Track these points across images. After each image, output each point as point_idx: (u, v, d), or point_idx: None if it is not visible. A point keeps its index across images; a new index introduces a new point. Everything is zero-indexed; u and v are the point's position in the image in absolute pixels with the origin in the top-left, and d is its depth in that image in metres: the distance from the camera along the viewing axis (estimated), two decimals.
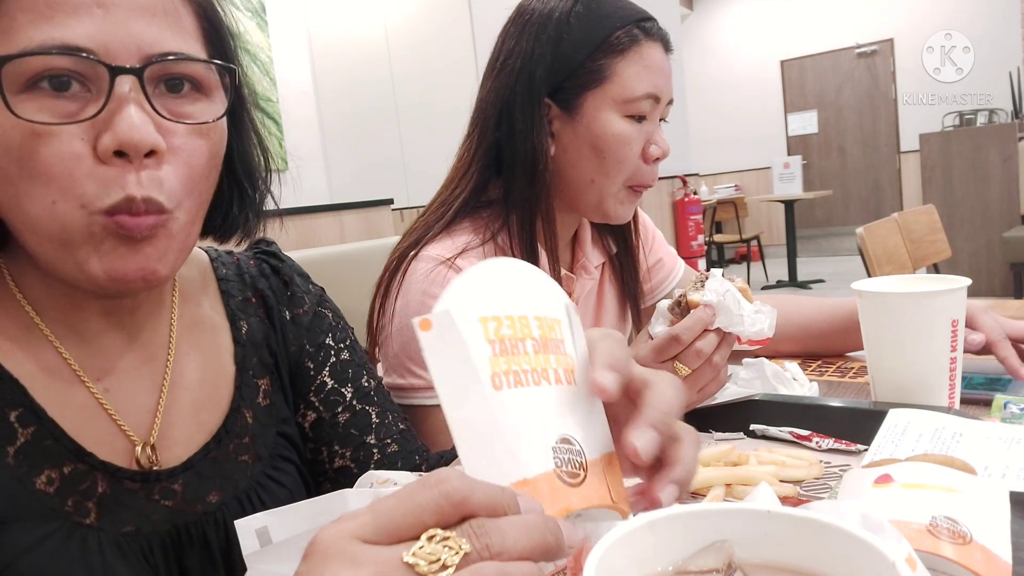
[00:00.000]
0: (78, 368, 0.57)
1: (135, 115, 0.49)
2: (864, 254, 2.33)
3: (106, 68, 0.48)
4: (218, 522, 0.61)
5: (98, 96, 0.49)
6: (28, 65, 0.47)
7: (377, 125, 4.94)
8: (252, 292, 0.73)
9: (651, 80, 0.95)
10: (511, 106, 0.95)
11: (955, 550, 0.41)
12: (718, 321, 0.82)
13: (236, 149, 0.62)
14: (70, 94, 0.48)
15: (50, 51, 0.47)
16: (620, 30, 0.93)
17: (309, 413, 0.73)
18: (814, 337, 1.17)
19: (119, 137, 0.48)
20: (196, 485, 0.61)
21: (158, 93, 0.51)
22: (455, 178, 1.00)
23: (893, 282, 0.86)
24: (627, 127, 0.95)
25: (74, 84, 0.48)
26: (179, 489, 0.60)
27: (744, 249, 7.86)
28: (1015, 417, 0.75)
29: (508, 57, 0.96)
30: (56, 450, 0.55)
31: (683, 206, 6.03)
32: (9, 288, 0.57)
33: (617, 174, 0.96)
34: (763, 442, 0.82)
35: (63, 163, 0.48)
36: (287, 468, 0.68)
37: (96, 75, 0.49)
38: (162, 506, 0.59)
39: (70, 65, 0.48)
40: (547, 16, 0.94)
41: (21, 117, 0.47)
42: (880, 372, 0.85)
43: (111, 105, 0.49)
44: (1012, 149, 4.64)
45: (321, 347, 0.74)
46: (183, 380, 0.64)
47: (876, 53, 8.32)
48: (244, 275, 0.73)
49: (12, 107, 0.47)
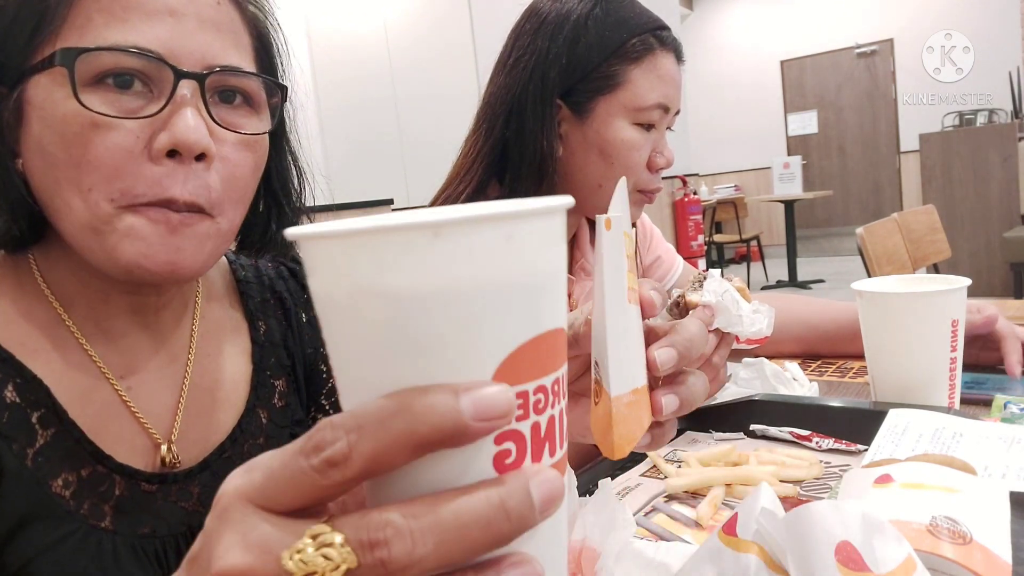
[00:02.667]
0: (103, 365, 0.58)
1: (192, 118, 0.51)
2: (864, 254, 2.33)
3: (172, 70, 0.51)
4: None
5: (159, 97, 0.51)
6: (100, 61, 0.49)
7: (377, 124, 4.94)
8: (271, 294, 0.73)
9: (663, 90, 0.95)
10: (522, 104, 0.95)
11: (955, 550, 0.41)
12: (717, 321, 0.81)
13: (275, 168, 0.64)
14: (132, 92, 0.50)
15: (125, 50, 0.49)
16: (636, 37, 0.94)
17: (320, 416, 0.74)
18: (819, 339, 1.17)
19: (176, 136, 0.50)
20: (213, 486, 0.61)
21: (213, 102, 0.54)
22: (459, 173, 1.00)
23: (893, 282, 0.86)
24: (636, 135, 0.95)
25: (137, 83, 0.50)
26: (196, 491, 0.61)
27: (744, 249, 7.86)
28: (1015, 417, 0.75)
29: (522, 55, 0.96)
30: (76, 452, 0.55)
31: (683, 206, 6.03)
32: (37, 284, 0.58)
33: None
34: (763, 442, 0.82)
35: (112, 155, 0.50)
36: None
37: (161, 77, 0.51)
38: (179, 508, 0.59)
39: (138, 66, 0.50)
40: (564, 17, 0.94)
41: (87, 107, 0.49)
42: (880, 372, 0.85)
43: (171, 106, 0.51)
44: (1012, 149, 4.64)
45: None
46: (202, 380, 0.64)
47: (876, 53, 8.32)
48: (263, 277, 0.74)
49: (80, 97, 0.49)
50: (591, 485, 0.55)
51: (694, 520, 0.65)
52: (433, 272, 0.23)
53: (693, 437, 0.87)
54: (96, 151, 0.49)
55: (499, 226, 0.24)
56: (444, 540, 0.23)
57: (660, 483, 0.73)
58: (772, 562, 0.39)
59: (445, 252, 0.23)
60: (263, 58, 0.60)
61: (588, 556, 0.47)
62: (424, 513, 0.23)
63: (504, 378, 0.25)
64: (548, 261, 0.26)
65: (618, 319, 0.39)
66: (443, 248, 0.23)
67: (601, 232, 0.38)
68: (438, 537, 0.23)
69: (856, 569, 0.36)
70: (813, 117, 8.84)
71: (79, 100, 0.48)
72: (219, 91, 0.54)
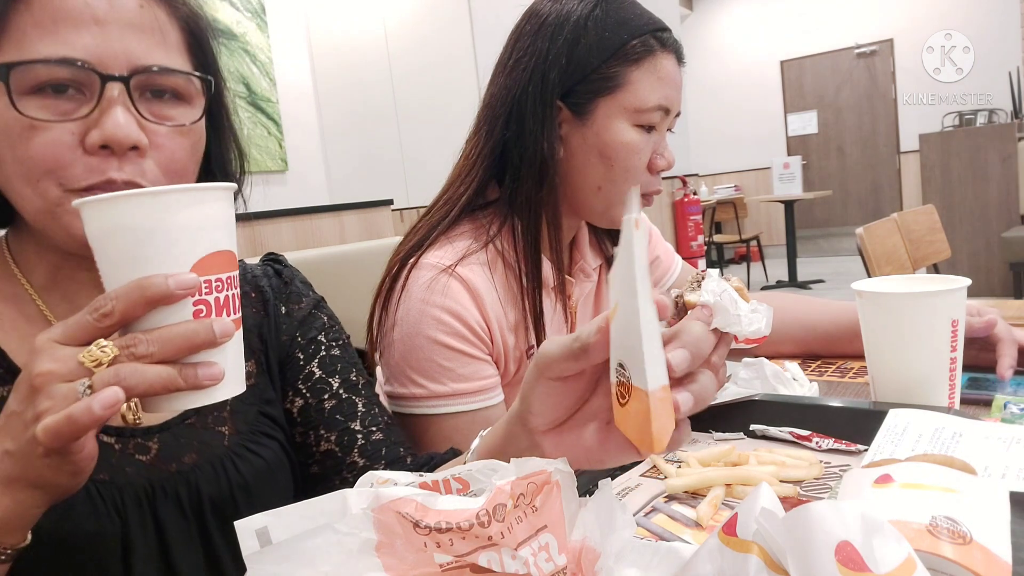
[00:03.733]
0: None
1: (120, 115, 0.58)
2: (864, 254, 2.33)
3: (98, 76, 0.57)
4: (190, 482, 0.67)
5: (90, 99, 0.58)
6: (34, 73, 0.56)
7: (377, 125, 4.94)
8: (252, 288, 0.79)
9: (663, 92, 0.94)
10: (522, 106, 0.94)
11: (955, 550, 0.41)
12: (715, 321, 0.81)
13: (214, 151, 0.71)
14: (67, 97, 0.58)
15: (51, 61, 0.56)
16: (636, 39, 0.93)
17: (296, 399, 0.79)
18: (819, 339, 1.17)
19: (105, 133, 0.57)
20: (172, 446, 0.67)
21: (144, 99, 0.61)
22: (460, 175, 1.00)
23: (893, 282, 0.86)
24: (636, 136, 0.94)
25: (71, 89, 0.58)
26: (154, 447, 0.67)
27: (744, 249, 7.86)
28: (1015, 417, 0.75)
29: (522, 56, 0.96)
30: None
31: (683, 206, 6.03)
32: (7, 262, 0.67)
33: (624, 182, 0.95)
34: (763, 442, 0.82)
35: (52, 151, 0.57)
36: (268, 444, 0.73)
37: (90, 82, 0.58)
38: (136, 460, 0.65)
39: (68, 75, 0.57)
40: (565, 18, 0.94)
41: (23, 114, 0.56)
42: (880, 372, 0.85)
43: (101, 106, 0.58)
44: (1012, 149, 4.64)
45: (312, 341, 0.81)
46: None
47: (876, 53, 8.32)
48: (247, 274, 0.80)
49: (17, 105, 0.56)
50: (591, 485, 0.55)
51: (694, 520, 0.65)
52: (155, 217, 0.47)
53: (693, 437, 0.87)
54: (37, 149, 0.57)
55: (185, 194, 0.48)
56: (164, 344, 0.46)
57: (660, 483, 0.73)
58: (772, 562, 0.39)
59: (158, 207, 0.47)
60: (197, 51, 0.66)
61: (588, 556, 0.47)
62: (154, 333, 0.46)
63: (196, 271, 0.48)
64: (217, 214, 0.50)
65: (650, 315, 0.42)
66: (157, 205, 0.47)
67: (631, 232, 0.41)
68: (160, 343, 0.46)
69: (856, 569, 0.36)
70: (813, 117, 8.84)
71: (16, 109, 0.56)
72: (149, 89, 0.61)
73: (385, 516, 0.42)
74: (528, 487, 0.45)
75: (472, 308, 0.91)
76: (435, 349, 0.89)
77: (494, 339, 0.93)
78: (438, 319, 0.89)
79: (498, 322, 0.93)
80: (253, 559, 0.41)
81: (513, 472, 0.46)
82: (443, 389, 0.90)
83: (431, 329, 0.89)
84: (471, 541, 0.42)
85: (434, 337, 0.89)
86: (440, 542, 0.42)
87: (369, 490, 0.44)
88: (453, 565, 0.42)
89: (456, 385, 0.90)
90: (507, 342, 0.95)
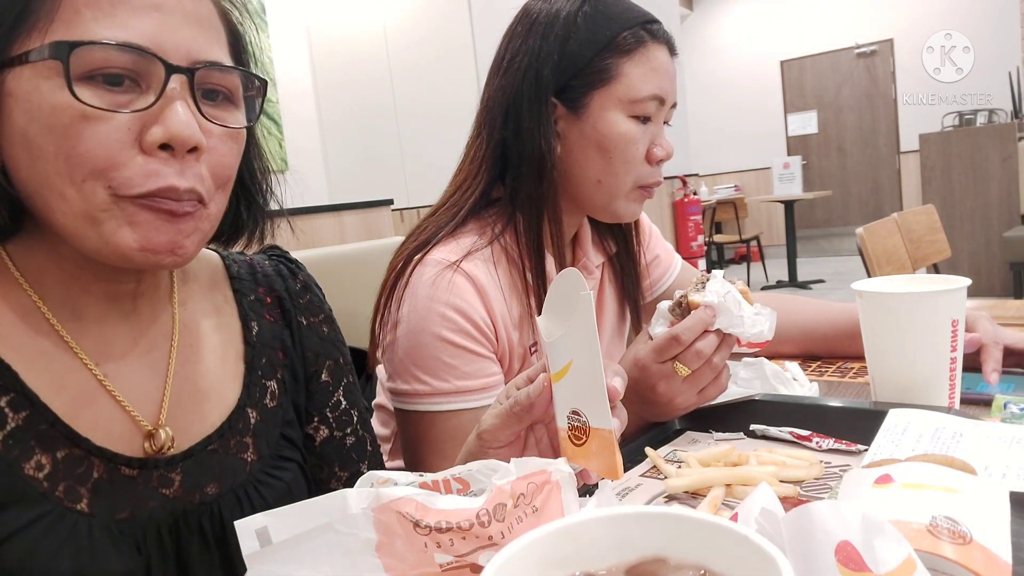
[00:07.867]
0: (79, 351, 0.58)
1: (184, 112, 0.52)
2: (864, 254, 2.33)
3: (163, 65, 0.51)
4: (214, 513, 0.62)
5: (148, 91, 0.52)
6: (90, 56, 0.49)
7: (377, 125, 4.95)
8: (267, 292, 0.74)
9: (657, 82, 0.95)
10: (518, 105, 0.95)
11: (955, 550, 0.41)
12: (718, 322, 0.82)
13: (244, 158, 0.65)
14: (122, 89, 0.51)
15: (113, 44, 0.50)
16: (627, 31, 0.94)
17: (322, 428, 0.75)
18: (817, 341, 1.17)
19: (169, 131, 0.51)
20: (195, 475, 0.62)
21: (198, 96, 0.55)
22: (466, 179, 1.00)
23: (893, 282, 0.86)
24: (632, 127, 0.95)
25: (126, 81, 0.51)
26: (177, 478, 0.61)
27: (744, 249, 7.86)
28: (1015, 417, 0.75)
29: (515, 56, 0.96)
30: (49, 435, 0.55)
31: (683, 206, 6.03)
32: (11, 274, 0.58)
33: (624, 174, 0.96)
34: (763, 442, 0.82)
35: (103, 147, 0.50)
36: (288, 466, 0.69)
37: (150, 72, 0.51)
38: (159, 494, 0.60)
39: (127, 62, 0.50)
40: (554, 16, 0.95)
41: (80, 100, 0.49)
42: (880, 372, 0.85)
43: (163, 100, 0.51)
44: (1012, 149, 4.64)
45: (337, 365, 0.77)
46: (185, 371, 0.64)
47: (876, 53, 8.32)
48: (257, 274, 0.75)
49: (75, 90, 0.49)
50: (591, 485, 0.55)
51: None
52: None
53: (693, 437, 0.87)
54: (87, 143, 0.50)
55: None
56: None
57: (660, 483, 0.73)
58: None
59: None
60: (236, 51, 0.61)
61: None
62: None
63: None
64: None
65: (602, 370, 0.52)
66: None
67: (589, 306, 0.52)
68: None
69: (856, 569, 0.36)
70: (813, 117, 8.83)
71: (73, 93, 0.49)
72: (205, 86, 0.55)
73: (385, 516, 0.42)
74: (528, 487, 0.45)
75: (478, 305, 0.91)
76: (440, 346, 0.90)
77: (499, 336, 0.94)
78: (444, 316, 0.89)
79: (502, 318, 0.93)
80: (253, 559, 0.41)
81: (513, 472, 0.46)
82: (447, 386, 0.90)
83: (436, 326, 0.89)
84: (471, 541, 0.42)
85: (439, 334, 0.89)
86: (440, 542, 0.42)
87: (369, 490, 0.44)
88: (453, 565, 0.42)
89: (460, 383, 0.90)
90: (511, 338, 0.95)
